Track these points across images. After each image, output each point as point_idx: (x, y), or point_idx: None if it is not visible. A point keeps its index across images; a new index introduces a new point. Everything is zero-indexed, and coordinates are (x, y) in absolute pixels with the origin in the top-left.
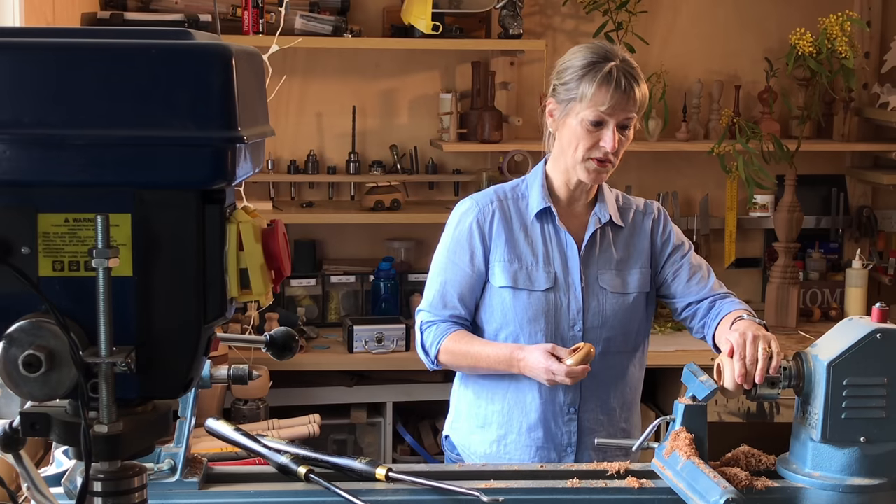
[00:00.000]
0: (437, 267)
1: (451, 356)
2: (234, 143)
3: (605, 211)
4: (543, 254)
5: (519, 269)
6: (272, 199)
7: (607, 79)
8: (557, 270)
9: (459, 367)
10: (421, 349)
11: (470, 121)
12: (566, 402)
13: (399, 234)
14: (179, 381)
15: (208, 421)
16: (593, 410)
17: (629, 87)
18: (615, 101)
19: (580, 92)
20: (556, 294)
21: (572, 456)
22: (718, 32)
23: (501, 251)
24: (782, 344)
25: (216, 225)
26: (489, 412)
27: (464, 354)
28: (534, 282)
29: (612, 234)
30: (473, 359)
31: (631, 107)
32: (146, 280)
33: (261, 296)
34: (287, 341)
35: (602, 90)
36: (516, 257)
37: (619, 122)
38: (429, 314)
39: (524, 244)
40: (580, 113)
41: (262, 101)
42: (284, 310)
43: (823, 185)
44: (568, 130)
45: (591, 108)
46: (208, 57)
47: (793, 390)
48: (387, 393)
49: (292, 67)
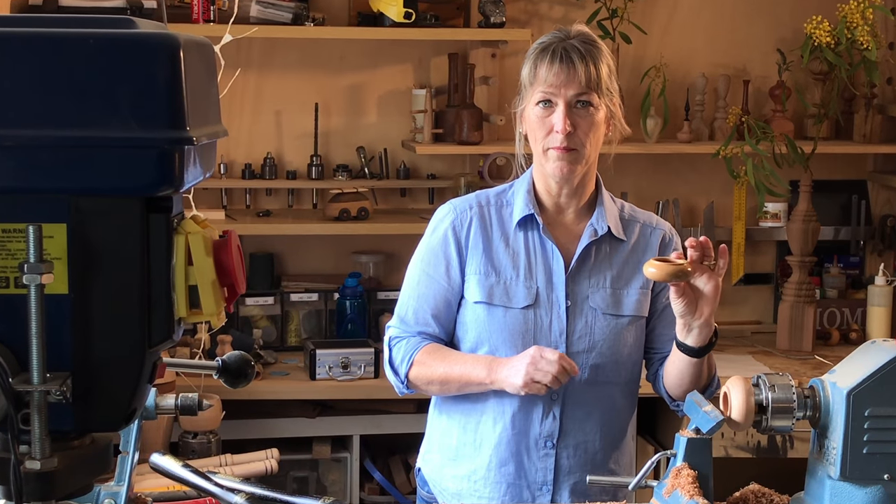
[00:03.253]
0: (411, 279)
1: (422, 371)
2: (182, 144)
3: (604, 222)
4: (525, 267)
5: (496, 283)
6: (225, 207)
7: (545, 54)
8: (540, 286)
9: (429, 386)
10: (390, 368)
11: (446, 120)
12: (542, 434)
13: (367, 246)
14: (121, 412)
15: (153, 456)
16: (573, 447)
17: (570, 60)
18: (555, 74)
19: (528, 77)
20: (537, 312)
21: (548, 495)
22: (725, 21)
23: (478, 262)
24: (796, 370)
25: (162, 236)
26: (460, 443)
27: (435, 368)
28: (511, 297)
29: (610, 248)
30: (445, 372)
31: (576, 81)
32: (84, 298)
33: (212, 316)
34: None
35: (543, 67)
36: (494, 270)
37: (571, 101)
38: (398, 330)
39: (504, 255)
40: (530, 100)
41: (213, 98)
42: (239, 332)
43: (843, 191)
44: (527, 124)
45: (537, 89)
46: (153, 48)
47: (808, 422)
48: (353, 425)
49: (247, 60)
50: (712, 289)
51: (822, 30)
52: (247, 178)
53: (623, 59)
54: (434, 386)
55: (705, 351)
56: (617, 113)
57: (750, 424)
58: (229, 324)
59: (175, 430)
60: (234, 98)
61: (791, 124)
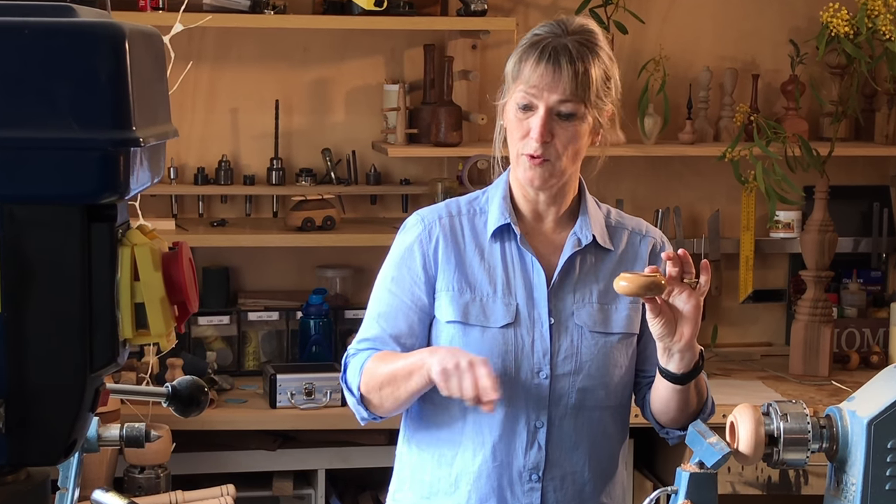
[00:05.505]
0: (374, 297)
1: (370, 377)
2: (128, 146)
3: (588, 230)
4: (503, 282)
5: (471, 301)
6: (175, 216)
7: (533, 50)
8: (520, 302)
9: (381, 394)
10: (345, 387)
11: (422, 119)
12: (526, 466)
13: (333, 259)
14: (59, 444)
15: (95, 493)
16: (561, 479)
17: (557, 61)
18: (539, 75)
19: (512, 72)
20: (517, 332)
21: None
22: (732, 8)
23: (450, 278)
24: (811, 397)
25: (105, 249)
26: (435, 479)
27: (381, 368)
28: (489, 316)
29: (595, 258)
30: (390, 370)
31: (561, 86)
32: (18, 318)
33: (161, 337)
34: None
35: (528, 66)
36: (468, 286)
37: (554, 107)
38: (355, 348)
39: (479, 270)
40: (511, 97)
41: (162, 95)
42: (190, 355)
43: (863, 198)
44: (506, 122)
45: (520, 88)
46: (95, 38)
47: (824, 455)
48: (318, 458)
49: (200, 52)
50: (692, 308)
51: (840, 18)
52: (199, 184)
53: (618, 52)
54: (384, 391)
55: (689, 377)
56: (606, 125)
57: (759, 457)
58: (180, 346)
59: (120, 463)
60: (186, 95)
61: (805, 124)
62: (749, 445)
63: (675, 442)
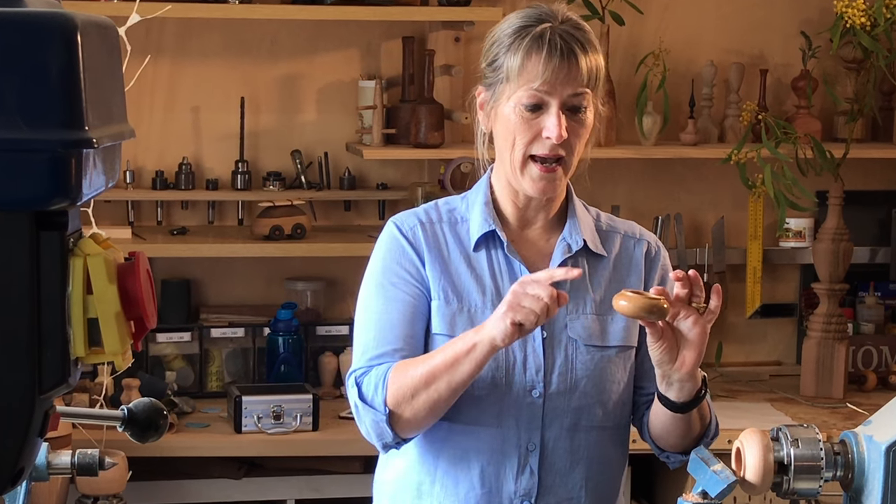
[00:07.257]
0: (366, 310)
1: (400, 384)
2: (80, 147)
3: (578, 235)
4: (492, 292)
5: (458, 312)
6: (132, 223)
7: (538, 44)
8: None
9: (415, 401)
10: (364, 407)
11: (400, 118)
12: (518, 492)
13: (304, 271)
14: (5, 472)
15: None
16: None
17: (572, 52)
18: (552, 71)
19: (507, 68)
20: (508, 347)
21: None
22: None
23: (436, 286)
24: (824, 421)
25: (55, 259)
26: None
27: (413, 372)
28: None
29: (588, 265)
30: (427, 370)
31: (577, 78)
32: None
33: (116, 355)
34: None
35: (533, 59)
36: (456, 296)
37: (566, 102)
38: (362, 368)
39: (467, 278)
40: (512, 96)
41: (117, 92)
42: (148, 375)
43: (880, 204)
44: (501, 124)
45: (524, 86)
46: (44, 30)
47: (839, 483)
48: (287, 487)
49: (159, 45)
50: (698, 335)
51: (856, 9)
52: (158, 189)
53: (614, 45)
54: (421, 397)
55: (691, 406)
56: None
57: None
58: (137, 365)
59: (71, 493)
60: (144, 92)
61: (818, 123)
62: (757, 473)
63: (675, 466)
